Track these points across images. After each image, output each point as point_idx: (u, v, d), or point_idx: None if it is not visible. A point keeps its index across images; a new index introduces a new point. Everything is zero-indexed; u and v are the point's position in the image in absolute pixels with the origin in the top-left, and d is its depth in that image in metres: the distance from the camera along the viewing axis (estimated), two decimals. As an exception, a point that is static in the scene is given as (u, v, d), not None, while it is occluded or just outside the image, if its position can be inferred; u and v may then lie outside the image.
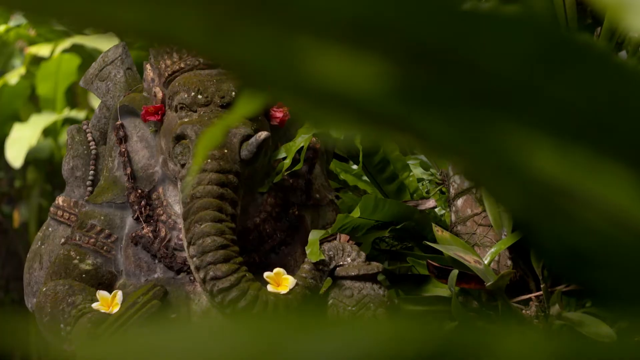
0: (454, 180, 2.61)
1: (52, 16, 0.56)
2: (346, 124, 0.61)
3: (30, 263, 2.62)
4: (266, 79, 0.58)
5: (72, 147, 2.61)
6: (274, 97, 0.62)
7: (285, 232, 2.45)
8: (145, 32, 0.58)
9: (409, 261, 2.53)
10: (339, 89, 0.56)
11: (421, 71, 0.49)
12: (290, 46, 0.54)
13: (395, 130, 0.60)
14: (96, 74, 2.61)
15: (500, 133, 0.53)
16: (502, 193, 0.60)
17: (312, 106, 0.60)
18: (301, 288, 2.28)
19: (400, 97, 0.52)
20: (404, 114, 0.55)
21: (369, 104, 0.56)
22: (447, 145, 0.57)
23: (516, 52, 0.44)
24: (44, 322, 2.37)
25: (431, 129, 0.55)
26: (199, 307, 2.31)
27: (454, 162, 0.59)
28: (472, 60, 0.46)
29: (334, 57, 0.54)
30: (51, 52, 5.97)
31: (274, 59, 0.55)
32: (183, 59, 2.40)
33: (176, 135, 2.32)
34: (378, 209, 2.43)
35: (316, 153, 2.52)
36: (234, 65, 0.59)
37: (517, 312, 2.38)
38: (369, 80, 0.54)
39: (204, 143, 1.86)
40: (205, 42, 0.56)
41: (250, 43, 0.55)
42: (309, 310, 2.15)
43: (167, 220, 2.41)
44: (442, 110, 0.52)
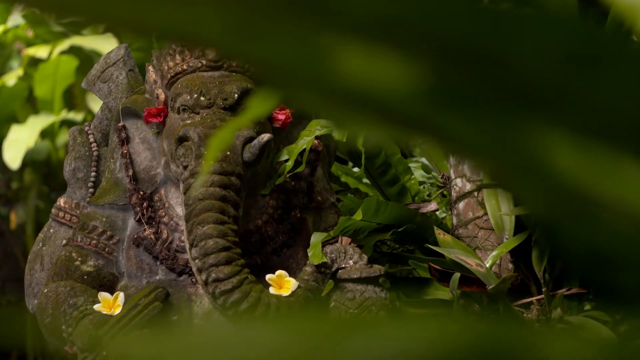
0: (456, 184, 2.61)
1: (77, 14, 0.56)
2: (369, 124, 0.61)
3: (31, 264, 2.61)
4: (290, 77, 0.58)
5: (73, 149, 2.61)
6: (297, 97, 0.62)
7: (287, 235, 2.45)
8: (170, 32, 0.58)
9: (411, 264, 2.54)
10: (364, 88, 0.56)
11: (451, 70, 0.49)
12: (316, 44, 0.54)
13: (419, 131, 0.60)
14: (98, 75, 2.61)
15: (527, 133, 0.53)
16: (526, 194, 0.60)
17: (335, 106, 0.60)
18: (303, 290, 2.28)
19: (429, 97, 0.52)
20: (431, 114, 0.55)
21: (395, 103, 0.56)
22: (472, 146, 0.57)
23: (550, 51, 0.44)
24: (45, 323, 2.36)
25: (457, 130, 0.55)
26: (201, 309, 2.31)
27: (477, 163, 0.59)
28: (504, 58, 0.46)
29: (360, 56, 0.54)
30: (49, 53, 5.97)
31: (299, 57, 0.55)
32: (186, 61, 2.40)
33: (179, 137, 2.31)
34: (380, 211, 2.43)
35: (318, 155, 2.51)
36: (257, 65, 0.59)
37: (518, 316, 2.38)
38: (397, 80, 0.54)
39: (214, 145, 1.86)
40: (230, 42, 0.56)
41: (275, 41, 0.55)
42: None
43: (169, 222, 2.41)
44: (469, 111, 0.52)
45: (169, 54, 2.44)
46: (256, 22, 0.54)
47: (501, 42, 0.44)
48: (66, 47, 5.97)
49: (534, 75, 0.45)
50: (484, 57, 0.47)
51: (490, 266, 2.39)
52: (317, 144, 2.48)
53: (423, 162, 3.09)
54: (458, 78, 0.49)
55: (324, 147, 2.53)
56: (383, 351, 0.36)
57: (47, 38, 6.23)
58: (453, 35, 0.45)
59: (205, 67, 2.39)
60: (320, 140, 2.49)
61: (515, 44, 0.44)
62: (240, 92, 2.35)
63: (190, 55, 2.40)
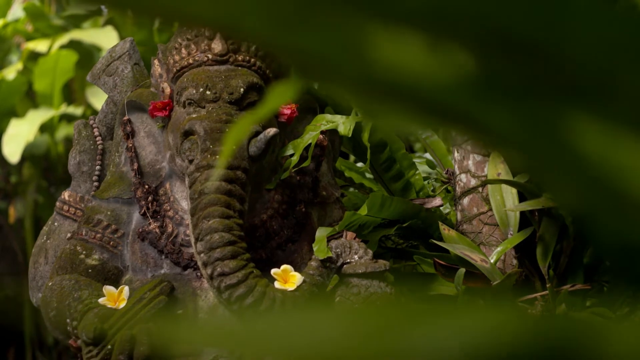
0: (460, 179, 2.61)
1: (125, 6, 0.56)
2: (404, 115, 0.61)
3: (36, 258, 2.61)
4: (329, 68, 0.58)
5: (78, 142, 2.60)
6: (335, 87, 0.62)
7: (292, 229, 2.45)
8: (214, 24, 0.58)
9: (416, 259, 2.54)
10: (403, 79, 0.56)
11: (498, 60, 0.49)
12: (356, 34, 0.54)
13: (455, 122, 0.60)
14: (103, 69, 2.61)
15: (568, 125, 0.53)
16: (560, 186, 0.60)
17: (372, 96, 0.60)
18: (308, 285, 2.28)
19: (471, 87, 0.52)
20: (471, 105, 0.55)
21: (435, 94, 0.56)
22: (510, 137, 0.57)
23: (600, 42, 0.44)
24: (50, 316, 2.36)
25: (495, 121, 0.55)
26: (206, 303, 2.31)
27: (511, 155, 0.59)
28: (553, 48, 0.46)
29: (404, 47, 0.54)
30: (49, 47, 5.96)
31: (339, 47, 0.55)
32: (192, 55, 2.40)
33: (184, 131, 2.31)
34: (385, 206, 2.43)
35: (323, 150, 2.51)
36: (298, 56, 0.59)
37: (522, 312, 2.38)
38: (439, 70, 0.54)
39: (229, 139, 1.86)
40: (272, 33, 0.56)
41: (316, 31, 0.55)
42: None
43: (174, 216, 2.41)
44: (511, 101, 0.52)
45: (174, 48, 2.44)
46: (298, 12, 0.54)
47: (552, 32, 0.44)
48: (66, 41, 5.96)
49: (582, 65, 0.45)
50: (532, 47, 0.47)
51: (495, 262, 2.39)
52: (322, 139, 2.48)
53: (427, 158, 3.09)
54: (504, 68, 0.49)
55: (328, 142, 2.53)
56: (451, 341, 0.36)
57: (47, 32, 6.23)
58: (502, 24, 0.45)
59: (211, 61, 2.39)
60: (326, 135, 2.49)
61: (565, 33, 0.44)
62: (246, 87, 2.35)
63: (197, 49, 2.40)
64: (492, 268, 2.34)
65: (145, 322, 2.21)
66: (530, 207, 2.36)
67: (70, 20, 6.39)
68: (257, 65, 2.40)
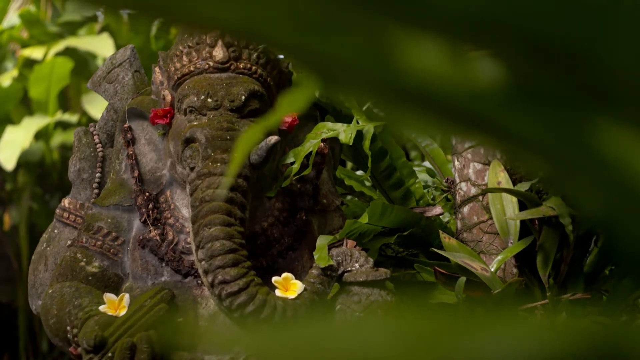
0: (460, 188, 2.62)
1: (150, 11, 0.56)
2: (430, 121, 0.61)
3: (35, 265, 2.60)
4: (356, 75, 0.58)
5: (78, 149, 2.60)
6: (362, 93, 0.62)
7: (293, 237, 2.45)
8: (237, 30, 0.58)
9: (416, 267, 2.53)
10: (432, 86, 0.56)
11: (532, 68, 0.49)
12: (385, 41, 0.54)
13: (481, 130, 0.60)
14: (104, 76, 2.60)
15: (599, 132, 0.53)
16: (587, 193, 0.60)
17: (400, 103, 0.60)
18: (309, 293, 2.28)
19: (503, 95, 0.52)
20: (501, 113, 0.55)
21: (462, 101, 0.56)
22: (537, 145, 0.57)
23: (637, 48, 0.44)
24: (50, 324, 2.36)
25: (525, 129, 0.55)
26: (207, 311, 2.30)
27: (535, 163, 0.59)
28: (589, 56, 0.46)
29: (430, 53, 0.54)
30: (44, 55, 5.96)
31: (367, 53, 0.55)
32: (193, 63, 2.40)
33: (185, 138, 2.31)
34: (385, 215, 2.43)
35: (324, 158, 2.51)
36: (322, 62, 0.59)
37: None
38: (469, 78, 0.54)
39: (241, 147, 1.86)
40: (297, 39, 0.56)
41: (344, 38, 0.55)
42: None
43: (175, 223, 2.40)
44: (543, 109, 0.52)
45: (175, 55, 2.44)
46: (324, 18, 0.54)
47: (587, 39, 0.45)
48: (61, 48, 5.97)
49: (621, 73, 0.45)
50: (569, 55, 0.47)
51: (495, 270, 2.39)
52: (323, 147, 2.48)
53: (427, 166, 3.10)
54: (536, 76, 0.49)
55: (329, 150, 2.53)
56: (505, 349, 0.36)
57: (42, 39, 6.23)
58: (540, 33, 0.45)
59: (212, 69, 2.39)
60: (326, 143, 2.49)
61: (603, 41, 0.44)
62: (247, 94, 2.35)
63: (198, 56, 2.40)
64: (493, 277, 2.34)
65: (146, 330, 2.21)
66: (530, 215, 2.36)
67: (65, 27, 6.39)
68: (258, 73, 2.40)
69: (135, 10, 0.56)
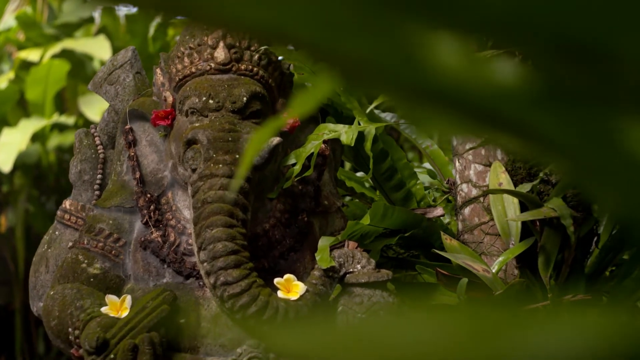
0: (461, 189, 2.62)
1: (176, 10, 0.56)
2: (456, 121, 0.61)
3: (36, 267, 2.60)
4: (383, 74, 0.58)
5: (80, 151, 2.60)
6: (388, 93, 0.62)
7: (294, 239, 2.45)
8: (263, 30, 0.58)
9: (418, 269, 2.53)
10: (458, 86, 0.56)
11: (564, 68, 0.49)
12: (413, 41, 0.54)
13: (508, 130, 0.60)
14: (105, 77, 2.60)
15: (629, 131, 0.53)
16: (614, 194, 0.60)
17: (427, 102, 0.60)
18: (311, 294, 2.28)
19: (534, 94, 0.53)
20: (528, 113, 0.55)
21: (491, 101, 0.56)
22: (565, 145, 0.57)
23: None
24: (52, 325, 2.35)
25: (554, 129, 0.55)
26: (209, 312, 2.30)
27: (561, 163, 0.59)
28: (622, 57, 0.46)
29: (458, 53, 0.54)
30: (41, 57, 5.95)
31: (393, 53, 0.55)
32: (194, 64, 2.40)
33: (187, 139, 2.31)
34: (387, 216, 2.43)
35: (325, 160, 2.52)
36: (348, 62, 0.59)
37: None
38: (497, 78, 0.54)
39: (250, 149, 1.86)
40: (322, 39, 0.56)
41: (371, 37, 0.55)
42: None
43: (177, 225, 2.40)
44: (573, 109, 0.53)
45: (177, 57, 2.44)
46: (353, 18, 0.54)
47: (622, 39, 0.45)
48: (58, 50, 5.96)
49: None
50: (598, 54, 0.47)
51: (496, 272, 2.39)
52: (324, 148, 2.49)
53: (427, 168, 3.10)
54: (569, 76, 0.49)
55: (330, 151, 2.53)
56: (557, 345, 0.36)
57: (39, 41, 6.22)
58: (576, 33, 0.45)
59: (213, 70, 2.39)
60: (327, 144, 2.49)
61: (633, 40, 0.45)
62: (249, 96, 2.35)
63: (199, 58, 2.40)
64: (494, 278, 2.34)
65: (148, 331, 2.21)
66: (531, 217, 2.36)
67: (62, 29, 6.38)
68: (260, 75, 2.40)
69: (160, 10, 0.56)
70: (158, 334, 2.21)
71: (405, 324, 0.39)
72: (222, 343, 2.27)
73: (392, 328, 0.39)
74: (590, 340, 0.38)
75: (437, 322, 0.38)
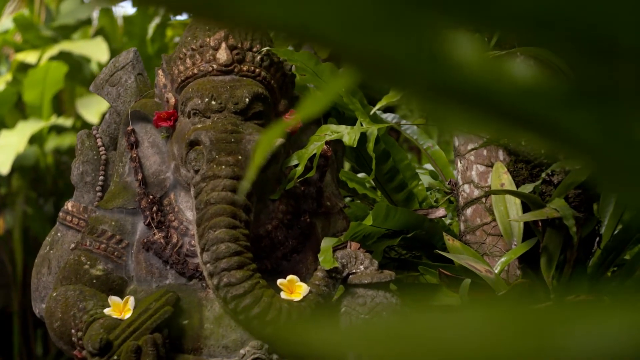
0: (463, 190, 2.62)
1: (199, 10, 0.56)
2: (479, 120, 0.61)
3: (39, 268, 2.59)
4: (407, 72, 0.58)
5: (81, 153, 2.59)
6: (412, 92, 0.62)
7: (297, 240, 2.45)
8: (286, 28, 0.58)
9: (420, 270, 2.54)
10: (484, 84, 0.56)
11: (594, 66, 0.49)
12: (436, 38, 0.54)
13: (532, 129, 0.60)
14: (107, 79, 2.60)
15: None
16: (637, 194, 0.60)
17: (452, 101, 0.60)
18: (314, 295, 2.28)
19: (563, 93, 0.53)
20: (554, 111, 0.55)
21: (517, 99, 0.56)
22: (590, 143, 0.57)
23: None
24: (54, 327, 2.35)
25: (579, 126, 0.55)
26: (212, 313, 2.30)
27: (585, 162, 0.59)
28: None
29: (482, 50, 0.54)
30: (38, 59, 5.95)
31: (417, 51, 0.55)
32: (196, 65, 2.40)
33: (190, 141, 2.31)
34: (389, 217, 2.43)
35: (327, 161, 2.52)
36: (372, 60, 0.59)
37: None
38: (523, 76, 0.54)
39: (259, 151, 1.85)
40: (346, 38, 0.56)
41: (394, 36, 0.55)
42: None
43: (179, 226, 2.40)
44: (603, 107, 0.53)
45: (179, 58, 2.44)
46: (378, 16, 0.54)
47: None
48: (55, 52, 5.95)
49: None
50: (629, 52, 0.47)
51: (499, 272, 2.40)
52: (326, 149, 2.49)
53: (429, 169, 3.10)
54: (600, 73, 0.49)
55: (332, 152, 2.53)
56: (607, 340, 0.36)
57: (36, 43, 6.22)
58: (609, 30, 0.45)
59: (216, 72, 2.39)
60: (330, 145, 2.49)
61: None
62: (251, 97, 2.35)
63: (201, 59, 2.40)
64: (497, 279, 2.34)
65: (151, 333, 2.20)
66: (534, 217, 2.36)
67: (59, 31, 6.38)
68: (262, 76, 2.41)
69: (184, 9, 0.56)
70: (161, 335, 2.21)
71: (452, 320, 0.39)
72: (226, 344, 2.26)
73: (444, 327, 0.39)
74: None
75: (482, 317, 0.38)
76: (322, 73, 2.49)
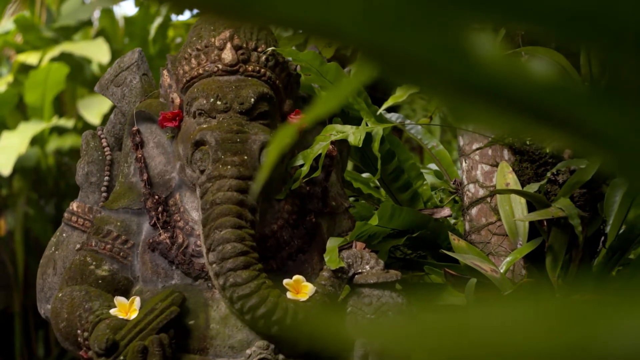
0: (468, 189, 2.62)
1: (225, 10, 0.56)
2: (504, 118, 0.61)
3: (44, 269, 2.59)
4: (432, 71, 0.58)
5: (86, 153, 2.59)
6: (434, 89, 0.62)
7: (302, 239, 2.45)
8: (312, 28, 0.58)
9: (426, 269, 2.54)
10: (507, 81, 0.56)
11: (624, 63, 0.49)
12: (462, 36, 0.54)
13: (560, 126, 0.60)
14: (112, 79, 2.60)
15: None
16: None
17: (476, 99, 0.60)
18: (320, 295, 2.28)
19: (593, 90, 0.53)
20: (581, 109, 0.55)
21: (541, 96, 0.56)
22: (618, 140, 0.57)
23: None
24: (60, 327, 2.35)
25: (608, 124, 0.55)
26: (218, 313, 2.29)
27: (611, 159, 0.59)
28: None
29: (507, 49, 0.54)
30: (39, 60, 5.95)
31: (440, 48, 0.55)
32: (202, 65, 2.40)
33: (195, 141, 2.31)
34: (395, 217, 2.43)
35: (332, 161, 2.52)
36: (396, 58, 0.59)
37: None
38: (549, 73, 0.54)
39: (272, 152, 1.85)
40: (370, 36, 0.56)
41: (417, 33, 0.55)
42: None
43: (185, 226, 2.40)
44: (629, 103, 0.53)
45: (184, 58, 2.44)
46: (401, 13, 0.54)
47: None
48: (57, 53, 5.95)
49: None
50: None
51: (504, 272, 2.40)
52: (331, 149, 2.49)
53: (433, 169, 3.10)
54: (630, 70, 0.49)
55: (337, 152, 2.53)
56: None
57: (37, 44, 6.22)
58: (634, 26, 0.45)
59: (221, 72, 2.39)
60: (335, 145, 2.49)
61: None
62: (256, 97, 2.35)
63: (207, 59, 2.40)
64: (502, 278, 2.34)
65: (158, 333, 2.20)
66: (539, 217, 2.36)
67: (60, 32, 6.38)
68: (267, 76, 2.40)
69: (211, 9, 0.56)
70: (167, 336, 2.21)
71: (494, 314, 0.39)
72: (232, 344, 2.26)
73: (485, 320, 0.39)
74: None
75: (524, 311, 0.38)
76: (327, 73, 2.49)
